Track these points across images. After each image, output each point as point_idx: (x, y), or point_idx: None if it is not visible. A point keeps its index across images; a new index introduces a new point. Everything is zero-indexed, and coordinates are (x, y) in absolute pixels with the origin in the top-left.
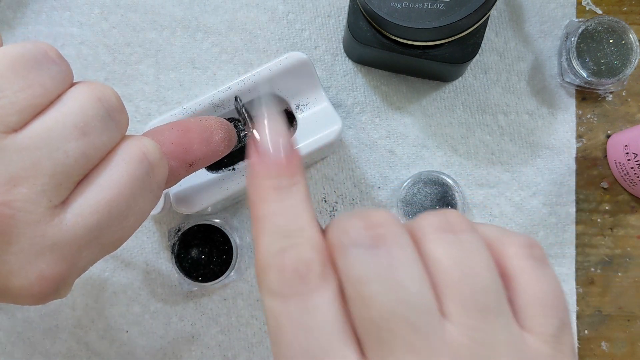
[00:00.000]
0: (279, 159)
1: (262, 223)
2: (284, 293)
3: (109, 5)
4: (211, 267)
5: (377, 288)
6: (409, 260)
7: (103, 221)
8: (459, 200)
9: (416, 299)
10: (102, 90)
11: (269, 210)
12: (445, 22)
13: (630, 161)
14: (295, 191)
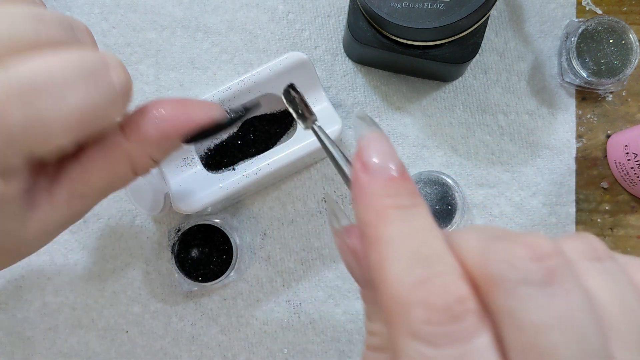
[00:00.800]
0: (394, 175)
1: (389, 246)
2: (435, 338)
3: (109, 5)
4: (211, 267)
5: (559, 338)
6: (585, 301)
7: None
8: (459, 200)
9: (598, 350)
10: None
11: (395, 231)
12: (445, 22)
13: (630, 161)
14: (420, 212)
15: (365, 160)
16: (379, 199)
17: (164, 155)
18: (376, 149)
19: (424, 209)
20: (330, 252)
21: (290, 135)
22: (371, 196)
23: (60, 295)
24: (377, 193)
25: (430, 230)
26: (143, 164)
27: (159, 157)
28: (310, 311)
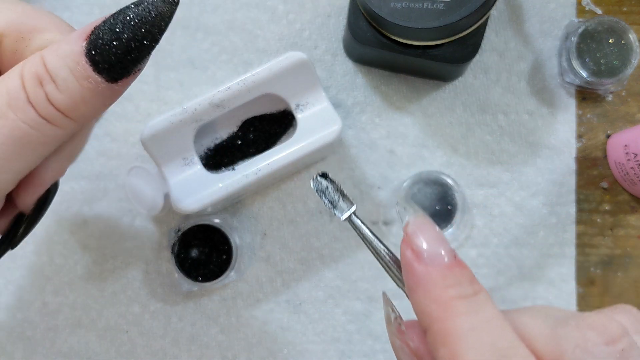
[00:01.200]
0: (450, 262)
1: (462, 341)
2: None
3: (109, 5)
4: (211, 267)
5: None
6: None
7: None
8: (459, 200)
9: None
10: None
11: (466, 325)
12: (445, 22)
13: (630, 161)
14: (484, 300)
15: (416, 248)
16: (441, 290)
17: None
18: (425, 235)
19: (486, 294)
20: (330, 252)
21: (290, 135)
22: (431, 287)
23: (60, 295)
24: (437, 284)
25: (499, 320)
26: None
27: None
28: (310, 311)
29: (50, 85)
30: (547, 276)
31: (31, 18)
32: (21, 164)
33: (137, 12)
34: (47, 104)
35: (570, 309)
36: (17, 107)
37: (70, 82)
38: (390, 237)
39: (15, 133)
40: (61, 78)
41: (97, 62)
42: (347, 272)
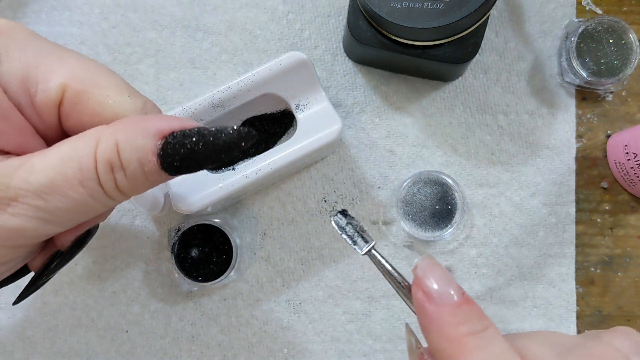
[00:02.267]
0: (459, 300)
1: None
2: None
3: (109, 5)
4: (211, 267)
5: None
6: None
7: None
8: (458, 200)
9: None
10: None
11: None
12: (445, 22)
13: (630, 161)
14: (492, 334)
15: (426, 289)
16: (451, 328)
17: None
18: (434, 276)
19: (494, 329)
20: (330, 252)
21: (290, 135)
22: (443, 326)
23: (60, 295)
24: (448, 322)
25: (508, 353)
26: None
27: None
28: (310, 311)
29: (120, 173)
30: (547, 276)
31: (94, 73)
32: (74, 222)
33: (215, 141)
34: (114, 189)
35: (570, 308)
36: (88, 187)
37: (138, 174)
38: (390, 237)
39: (81, 203)
40: (131, 170)
41: (167, 165)
42: (347, 272)
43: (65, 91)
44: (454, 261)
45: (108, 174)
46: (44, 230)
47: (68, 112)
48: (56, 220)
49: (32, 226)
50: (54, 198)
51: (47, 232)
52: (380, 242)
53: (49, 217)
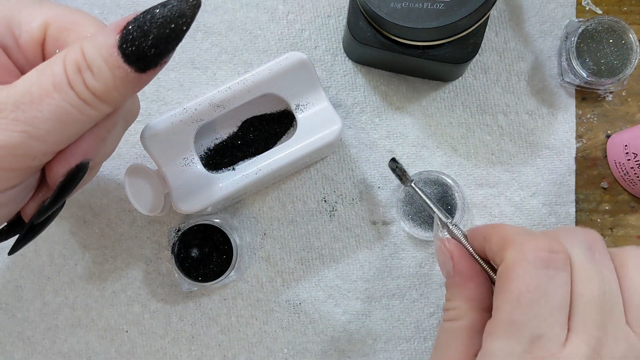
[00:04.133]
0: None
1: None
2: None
3: (109, 6)
4: (211, 267)
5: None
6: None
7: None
8: (458, 200)
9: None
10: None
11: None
12: (445, 22)
13: (630, 161)
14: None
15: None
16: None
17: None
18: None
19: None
20: (330, 252)
21: (290, 135)
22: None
23: (60, 295)
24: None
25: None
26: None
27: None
28: (310, 311)
29: (87, 72)
30: None
31: (72, 13)
32: (60, 137)
33: (163, 13)
34: (85, 89)
35: None
36: (61, 89)
37: (104, 71)
38: (389, 237)
39: (59, 110)
40: (96, 67)
41: (128, 54)
42: (347, 272)
43: (47, 29)
44: None
45: (76, 74)
46: (30, 146)
47: (51, 50)
48: (39, 133)
49: (16, 141)
50: (31, 107)
51: (34, 148)
52: (379, 242)
53: (31, 130)
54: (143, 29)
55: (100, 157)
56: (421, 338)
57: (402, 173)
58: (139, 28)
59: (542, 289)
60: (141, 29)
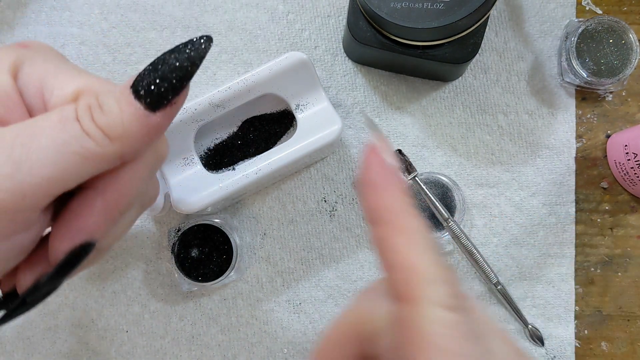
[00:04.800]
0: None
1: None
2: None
3: (109, 5)
4: (211, 267)
5: None
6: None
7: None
8: (458, 201)
9: None
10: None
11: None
12: (445, 22)
13: (630, 161)
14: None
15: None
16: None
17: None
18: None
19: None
20: (330, 252)
21: (290, 135)
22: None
23: (60, 295)
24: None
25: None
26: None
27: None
28: (310, 311)
29: (97, 110)
30: (547, 276)
31: (105, 84)
32: (54, 172)
33: (177, 57)
34: (90, 122)
35: (568, 308)
36: (66, 122)
37: (113, 106)
38: None
39: (57, 140)
40: (107, 104)
41: (138, 91)
42: (347, 272)
43: (78, 98)
44: (453, 261)
45: (86, 111)
46: (18, 178)
47: None
48: (30, 164)
49: (5, 170)
50: (28, 135)
51: (23, 181)
52: None
53: (23, 159)
54: (156, 71)
55: (108, 239)
56: None
57: (408, 164)
58: (152, 70)
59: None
60: (154, 68)
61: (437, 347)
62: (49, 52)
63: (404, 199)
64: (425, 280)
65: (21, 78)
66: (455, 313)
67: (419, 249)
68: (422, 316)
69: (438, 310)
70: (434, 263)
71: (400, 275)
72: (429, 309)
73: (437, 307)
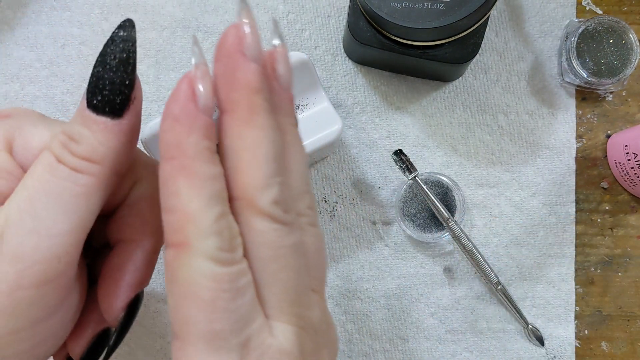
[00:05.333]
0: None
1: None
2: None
3: (109, 5)
4: None
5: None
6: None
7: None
8: (458, 201)
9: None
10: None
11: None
12: (445, 22)
13: (630, 161)
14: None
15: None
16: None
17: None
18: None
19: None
20: (330, 252)
21: None
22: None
23: None
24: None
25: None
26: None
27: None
28: None
29: (72, 143)
30: (547, 276)
31: (62, 122)
32: (67, 223)
33: (112, 50)
34: (73, 157)
35: (568, 308)
36: (51, 169)
37: (84, 132)
38: (389, 237)
39: (54, 191)
40: (76, 133)
41: (96, 106)
42: (347, 272)
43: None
44: (454, 262)
45: (62, 149)
46: (46, 244)
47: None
48: (46, 224)
49: (32, 243)
50: (31, 201)
51: (49, 243)
52: (379, 242)
53: (38, 225)
54: (98, 78)
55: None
56: (421, 338)
57: (409, 163)
58: (95, 80)
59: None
60: (97, 79)
61: (200, 300)
62: (31, 115)
63: (202, 143)
64: (199, 230)
65: (17, 151)
66: (225, 267)
67: (201, 198)
68: (189, 266)
69: (207, 263)
70: (212, 216)
71: (176, 220)
72: (198, 260)
73: (207, 259)
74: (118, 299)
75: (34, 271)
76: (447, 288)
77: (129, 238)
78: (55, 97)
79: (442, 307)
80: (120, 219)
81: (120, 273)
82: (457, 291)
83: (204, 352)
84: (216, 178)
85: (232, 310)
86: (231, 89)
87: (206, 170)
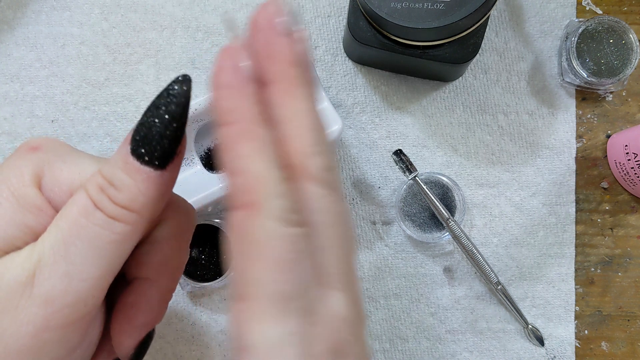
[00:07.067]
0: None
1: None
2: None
3: (109, 5)
4: (211, 267)
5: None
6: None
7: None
8: (458, 201)
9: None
10: None
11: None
12: (445, 22)
13: (631, 161)
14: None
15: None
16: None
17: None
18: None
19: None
20: None
21: None
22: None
23: None
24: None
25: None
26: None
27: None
28: None
29: (111, 189)
30: (547, 276)
31: (98, 160)
32: (99, 268)
33: (165, 103)
34: (112, 204)
35: (568, 308)
36: (88, 214)
37: (126, 180)
38: (389, 237)
39: (90, 236)
40: (117, 179)
41: (141, 155)
42: None
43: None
44: (454, 262)
45: (100, 194)
46: (75, 288)
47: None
48: (79, 269)
49: (62, 286)
50: (65, 245)
51: (80, 288)
52: (379, 242)
53: (71, 269)
54: (148, 129)
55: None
56: (421, 338)
57: (408, 163)
58: (145, 130)
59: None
60: (147, 129)
61: (272, 260)
62: (59, 148)
63: (256, 108)
64: (269, 191)
65: (46, 186)
66: (293, 228)
67: (265, 160)
68: (261, 226)
69: (277, 223)
70: (277, 177)
71: (244, 181)
72: (269, 220)
73: (277, 220)
74: (130, 338)
75: (62, 314)
76: (447, 288)
77: (146, 276)
78: (55, 97)
79: (442, 307)
80: (140, 256)
81: (134, 311)
82: (457, 291)
83: (271, 313)
84: (273, 142)
85: (299, 272)
86: (272, 62)
87: (265, 133)
